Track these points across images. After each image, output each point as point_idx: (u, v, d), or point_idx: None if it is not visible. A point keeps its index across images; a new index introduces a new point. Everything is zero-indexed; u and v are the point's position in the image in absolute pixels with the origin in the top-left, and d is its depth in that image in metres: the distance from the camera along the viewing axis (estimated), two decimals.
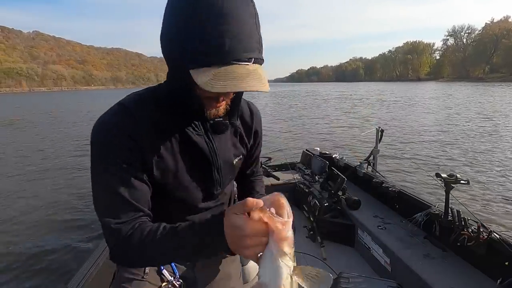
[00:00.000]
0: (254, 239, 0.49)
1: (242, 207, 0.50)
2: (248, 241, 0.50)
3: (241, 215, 0.50)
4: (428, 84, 61.34)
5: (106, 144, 0.59)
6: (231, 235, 0.51)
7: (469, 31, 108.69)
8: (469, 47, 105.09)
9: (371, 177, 2.44)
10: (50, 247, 3.24)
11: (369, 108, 18.31)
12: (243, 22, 0.51)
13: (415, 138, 8.64)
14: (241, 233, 0.50)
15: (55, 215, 4.10)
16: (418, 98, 24.57)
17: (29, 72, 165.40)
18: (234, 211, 0.51)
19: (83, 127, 12.88)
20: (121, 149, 0.59)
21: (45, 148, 9.02)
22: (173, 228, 0.58)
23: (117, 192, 0.60)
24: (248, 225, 0.49)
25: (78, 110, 22.97)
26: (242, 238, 0.50)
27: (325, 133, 9.99)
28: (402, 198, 2.05)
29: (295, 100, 28.07)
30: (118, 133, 0.59)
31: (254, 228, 0.49)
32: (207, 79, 0.51)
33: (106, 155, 0.60)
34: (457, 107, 16.76)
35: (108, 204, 0.61)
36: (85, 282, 1.26)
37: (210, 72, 0.51)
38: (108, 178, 0.60)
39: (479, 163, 6.01)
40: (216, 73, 0.51)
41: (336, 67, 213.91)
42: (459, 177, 1.58)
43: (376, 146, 2.66)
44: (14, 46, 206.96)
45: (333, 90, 48.86)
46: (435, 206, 1.77)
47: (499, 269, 1.35)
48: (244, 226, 0.49)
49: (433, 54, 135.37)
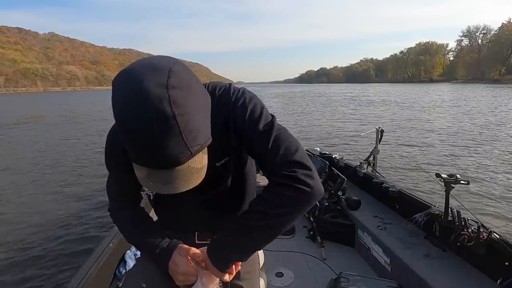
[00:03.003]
0: (184, 276, 0.70)
1: (186, 252, 0.71)
2: (179, 277, 0.71)
3: (183, 257, 0.70)
4: (441, 86, 60.22)
5: (106, 150, 0.76)
6: (170, 268, 0.72)
7: (485, 32, 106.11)
8: (485, 48, 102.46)
9: (371, 177, 2.43)
10: (51, 246, 3.22)
11: (371, 108, 18.18)
12: (141, 142, 0.49)
13: (415, 138, 8.60)
14: (176, 269, 0.71)
15: (55, 215, 4.04)
16: (427, 99, 24.18)
17: (44, 72, 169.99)
18: (180, 251, 0.72)
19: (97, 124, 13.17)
20: (116, 155, 0.74)
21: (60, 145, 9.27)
22: (147, 229, 0.81)
23: (113, 183, 0.83)
24: (182, 266, 0.70)
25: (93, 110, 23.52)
26: (176, 273, 0.71)
27: (325, 133, 9.98)
28: (402, 198, 2.03)
29: (297, 100, 28.05)
30: (114, 142, 0.74)
31: (185, 270, 0.70)
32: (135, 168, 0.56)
33: (107, 158, 0.78)
34: (465, 108, 16.53)
35: (108, 188, 0.86)
36: (85, 282, 1.27)
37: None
38: (109, 173, 0.82)
39: (479, 163, 5.97)
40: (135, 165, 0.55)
41: (346, 68, 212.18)
42: (459, 177, 1.56)
43: (376, 146, 2.65)
44: (30, 47, 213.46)
45: (339, 91, 48.59)
46: (435, 206, 1.75)
47: (499, 269, 1.33)
48: (179, 266, 0.71)
49: (447, 55, 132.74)
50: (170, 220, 0.87)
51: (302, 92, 48.70)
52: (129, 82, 0.48)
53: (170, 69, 0.49)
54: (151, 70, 0.48)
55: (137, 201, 0.87)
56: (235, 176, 0.79)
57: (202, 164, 0.55)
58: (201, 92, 0.56)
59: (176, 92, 0.47)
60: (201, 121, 0.53)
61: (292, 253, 2.05)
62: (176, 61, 0.52)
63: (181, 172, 0.52)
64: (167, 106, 0.46)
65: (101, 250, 1.52)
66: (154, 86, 0.46)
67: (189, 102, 0.50)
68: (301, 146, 0.66)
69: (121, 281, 1.60)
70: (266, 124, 0.65)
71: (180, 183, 0.53)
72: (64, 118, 17.47)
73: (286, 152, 0.62)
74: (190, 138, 0.50)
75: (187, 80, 0.52)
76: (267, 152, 0.63)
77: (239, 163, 0.79)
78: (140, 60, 0.52)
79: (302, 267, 1.91)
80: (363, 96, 30.56)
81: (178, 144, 0.49)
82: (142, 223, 0.82)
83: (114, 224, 0.88)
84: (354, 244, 2.12)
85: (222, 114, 0.66)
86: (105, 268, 1.47)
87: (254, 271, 0.90)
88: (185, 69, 0.53)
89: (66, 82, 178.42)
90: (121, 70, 0.51)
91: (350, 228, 2.12)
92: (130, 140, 0.50)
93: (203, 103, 0.56)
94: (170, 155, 0.49)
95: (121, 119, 0.49)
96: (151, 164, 0.52)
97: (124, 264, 1.70)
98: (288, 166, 0.61)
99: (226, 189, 0.79)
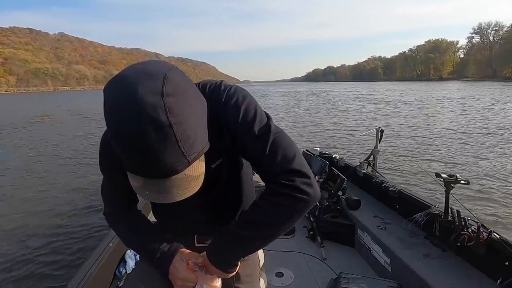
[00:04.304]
0: (183, 281, 0.70)
1: (187, 256, 0.72)
2: (178, 282, 0.70)
3: (183, 261, 0.71)
4: (450, 84, 59.19)
5: (100, 153, 0.74)
6: (170, 272, 0.72)
7: (497, 28, 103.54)
8: (496, 45, 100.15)
9: (371, 177, 2.42)
10: (51, 246, 3.23)
11: (373, 108, 17.96)
12: (136, 151, 0.48)
13: (416, 139, 8.51)
14: (176, 274, 0.70)
15: (56, 215, 4.05)
16: (432, 98, 23.74)
17: (54, 72, 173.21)
18: (181, 255, 0.72)
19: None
20: (110, 159, 0.71)
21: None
22: (145, 234, 0.79)
23: (108, 187, 0.80)
24: (181, 271, 0.70)
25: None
26: (175, 278, 0.71)
27: (325, 133, 9.93)
28: (402, 198, 2.02)
29: (300, 99, 27.91)
30: (107, 146, 0.71)
31: (184, 275, 0.70)
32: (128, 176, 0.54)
33: (101, 162, 0.75)
34: (470, 107, 16.24)
35: (102, 192, 0.83)
36: (85, 282, 1.27)
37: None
38: (104, 177, 0.79)
39: (479, 163, 5.91)
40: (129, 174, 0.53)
41: (353, 66, 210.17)
42: (459, 177, 1.55)
43: (376, 146, 2.64)
44: (41, 47, 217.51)
45: (343, 89, 48.10)
46: (435, 206, 1.74)
47: (499, 269, 1.32)
48: (179, 271, 0.70)
49: (457, 53, 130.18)
50: (169, 224, 0.85)
51: (306, 91, 48.44)
52: (122, 90, 0.46)
53: (164, 75, 0.47)
54: (145, 77, 0.46)
55: (133, 204, 0.84)
56: (231, 177, 0.77)
57: (199, 171, 0.53)
58: (197, 98, 0.54)
59: (171, 99, 0.46)
60: (198, 128, 0.52)
61: (292, 253, 2.06)
62: (171, 66, 0.50)
63: (177, 181, 0.51)
64: (162, 115, 0.45)
65: (101, 250, 1.53)
66: (149, 94, 0.45)
67: (185, 110, 0.48)
68: (298, 150, 0.64)
69: (121, 281, 1.62)
70: (262, 128, 0.63)
71: (176, 192, 0.51)
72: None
73: (284, 159, 0.61)
74: (187, 146, 0.49)
75: (183, 86, 0.50)
76: (264, 158, 0.62)
77: (234, 164, 0.76)
78: (132, 66, 0.50)
79: (302, 267, 1.92)
80: (368, 95, 30.20)
81: (174, 153, 0.47)
82: (140, 227, 0.81)
83: (111, 228, 0.86)
84: (354, 244, 2.11)
85: (212, 113, 0.61)
86: (105, 268, 1.48)
87: (255, 274, 0.89)
88: (180, 74, 0.51)
89: (75, 82, 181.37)
90: (113, 77, 0.49)
91: (350, 228, 2.12)
92: (124, 150, 0.49)
93: (200, 109, 0.54)
94: (166, 164, 0.48)
95: (114, 128, 0.47)
96: (147, 174, 0.50)
97: (124, 264, 1.71)
98: (287, 174, 0.60)
99: (222, 191, 0.77)
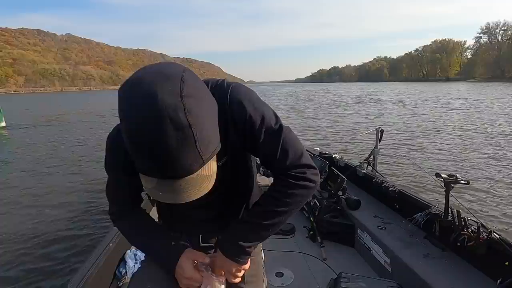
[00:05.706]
0: (189, 281, 0.72)
1: (194, 256, 0.74)
2: (184, 281, 0.72)
3: (190, 261, 0.73)
4: (457, 84, 58.49)
5: (107, 153, 0.73)
6: (176, 271, 0.73)
7: (505, 28, 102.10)
8: (505, 45, 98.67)
9: (371, 177, 2.41)
10: (51, 246, 3.21)
11: (373, 108, 17.85)
12: (155, 153, 0.48)
13: (416, 138, 8.44)
14: (182, 273, 0.72)
15: (56, 214, 4.02)
16: (437, 99, 23.47)
17: (61, 72, 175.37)
18: (188, 255, 0.74)
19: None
20: (117, 159, 0.71)
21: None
22: (151, 233, 0.80)
23: (113, 187, 0.78)
24: (188, 270, 0.72)
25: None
26: (181, 277, 0.73)
27: (325, 133, 9.88)
28: (402, 198, 2.01)
29: (301, 100, 27.83)
30: (114, 146, 0.71)
31: (191, 275, 0.72)
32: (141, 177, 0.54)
33: (107, 162, 0.74)
34: (473, 107, 16.06)
35: (108, 192, 0.81)
36: (85, 282, 1.28)
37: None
38: (109, 177, 0.77)
39: (479, 163, 5.85)
40: (142, 175, 0.53)
41: (359, 66, 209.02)
42: (459, 177, 1.54)
43: (376, 146, 2.62)
44: (48, 48, 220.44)
45: (345, 90, 47.87)
46: (435, 206, 1.73)
47: (499, 269, 1.31)
48: (185, 270, 0.72)
49: (464, 53, 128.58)
50: (174, 223, 0.86)
51: (310, 91, 48.36)
52: (141, 92, 0.46)
53: (181, 77, 0.48)
54: (163, 78, 0.47)
55: (138, 203, 0.84)
56: (237, 175, 0.78)
57: (212, 170, 0.54)
58: (209, 98, 0.55)
59: (189, 100, 0.47)
60: (212, 128, 0.52)
61: (292, 253, 2.05)
62: (185, 68, 0.51)
63: (191, 181, 0.51)
64: (182, 116, 0.45)
65: (101, 250, 1.53)
66: (168, 96, 0.45)
67: (201, 110, 0.49)
68: (302, 144, 0.72)
69: (121, 281, 1.63)
70: (272, 126, 0.66)
71: (190, 192, 0.52)
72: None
73: (295, 156, 0.68)
74: (204, 147, 0.49)
75: (198, 87, 0.51)
76: (276, 156, 0.67)
77: (238, 162, 0.76)
78: (147, 68, 0.51)
79: (302, 267, 1.91)
80: (371, 96, 29.99)
81: (192, 154, 0.48)
82: (145, 226, 0.81)
83: (116, 228, 0.86)
84: (354, 244, 2.11)
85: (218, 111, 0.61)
86: (105, 268, 1.49)
87: (259, 274, 0.90)
88: (194, 76, 0.52)
89: (82, 82, 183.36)
90: (128, 79, 0.49)
91: (350, 228, 2.11)
92: (142, 152, 0.48)
93: (212, 109, 0.54)
94: (183, 165, 0.48)
95: (133, 130, 0.47)
96: (162, 175, 0.50)
97: (124, 264, 1.71)
98: (299, 168, 0.68)
99: (227, 189, 0.77)
